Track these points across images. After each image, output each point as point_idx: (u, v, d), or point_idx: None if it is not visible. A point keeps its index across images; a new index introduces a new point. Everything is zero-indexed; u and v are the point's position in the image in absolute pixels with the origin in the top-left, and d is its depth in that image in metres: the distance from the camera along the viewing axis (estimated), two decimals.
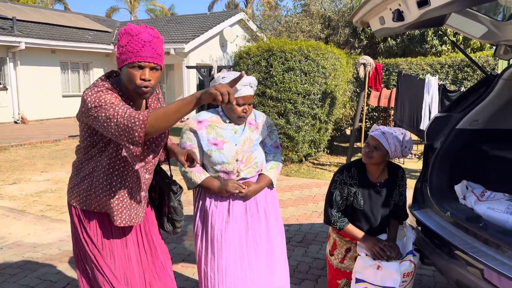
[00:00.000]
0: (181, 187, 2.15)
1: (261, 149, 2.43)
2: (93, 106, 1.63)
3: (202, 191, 2.42)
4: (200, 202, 2.43)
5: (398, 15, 2.15)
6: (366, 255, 2.52)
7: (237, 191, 2.30)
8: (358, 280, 2.50)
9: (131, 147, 1.59)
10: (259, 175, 2.44)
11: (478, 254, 2.15)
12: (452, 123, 2.87)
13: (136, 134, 1.56)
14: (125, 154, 1.63)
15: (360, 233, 2.56)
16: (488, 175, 2.96)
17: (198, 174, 2.32)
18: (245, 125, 2.39)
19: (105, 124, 1.60)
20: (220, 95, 1.52)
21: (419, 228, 2.69)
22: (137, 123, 1.55)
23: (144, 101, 1.88)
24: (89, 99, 1.65)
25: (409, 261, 2.49)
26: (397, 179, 2.65)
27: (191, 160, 2.01)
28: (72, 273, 3.38)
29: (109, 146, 1.78)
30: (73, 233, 1.92)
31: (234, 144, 2.31)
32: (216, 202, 2.37)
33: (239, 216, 2.36)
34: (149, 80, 1.70)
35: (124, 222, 1.85)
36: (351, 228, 2.58)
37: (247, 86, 2.30)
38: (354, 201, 2.59)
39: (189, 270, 3.42)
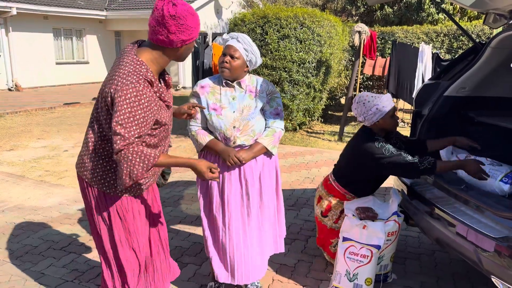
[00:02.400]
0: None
1: (260, 117, 2.45)
2: (124, 108, 1.68)
3: (205, 157, 2.53)
4: None
5: None
6: (353, 215, 2.66)
7: (230, 164, 2.38)
8: (345, 239, 2.65)
9: (126, 179, 1.72)
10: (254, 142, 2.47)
11: (458, 214, 2.29)
12: (440, 90, 2.96)
13: (136, 172, 1.73)
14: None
15: (455, 162, 2.52)
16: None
17: (203, 137, 2.42)
18: (245, 92, 2.43)
19: (115, 138, 1.70)
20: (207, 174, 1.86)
21: (404, 190, 2.82)
22: (141, 164, 1.72)
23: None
24: (128, 96, 1.68)
25: (394, 221, 2.64)
26: (390, 137, 2.82)
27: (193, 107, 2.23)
28: (73, 234, 3.52)
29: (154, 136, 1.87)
30: (103, 215, 1.96)
31: (232, 111, 2.38)
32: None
33: (234, 182, 2.47)
34: None
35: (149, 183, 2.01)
36: (443, 164, 2.50)
37: (234, 39, 2.37)
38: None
39: (185, 231, 3.57)
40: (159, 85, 1.81)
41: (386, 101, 2.64)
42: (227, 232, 2.46)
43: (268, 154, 2.55)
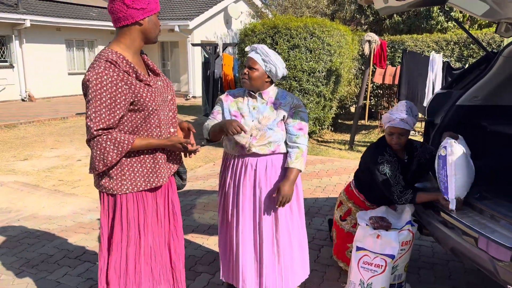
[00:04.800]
0: None
1: (279, 130, 2.44)
2: (90, 95, 1.72)
3: (225, 163, 2.58)
4: (223, 174, 2.60)
5: None
6: (367, 225, 2.66)
7: (232, 132, 2.22)
8: (358, 248, 2.65)
9: (100, 165, 1.76)
10: (286, 168, 2.45)
11: (472, 223, 2.28)
12: (452, 99, 2.96)
13: (110, 158, 1.77)
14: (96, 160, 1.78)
15: (432, 194, 2.58)
16: (486, 150, 3.06)
17: (210, 123, 2.48)
18: (266, 103, 2.45)
19: (87, 125, 1.75)
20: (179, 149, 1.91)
21: None
22: (115, 150, 1.75)
23: (143, 59, 1.98)
24: (90, 84, 1.72)
25: (408, 230, 2.64)
26: (414, 153, 2.79)
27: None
28: (87, 243, 3.56)
29: (143, 125, 1.88)
30: (107, 222, 1.97)
31: (251, 120, 2.41)
32: (232, 174, 2.51)
33: (249, 190, 2.47)
34: None
35: (167, 175, 2.01)
36: (422, 196, 2.61)
37: (253, 51, 2.42)
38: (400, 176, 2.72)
39: (198, 240, 3.59)
40: (132, 65, 1.81)
41: (384, 118, 2.74)
42: (240, 239, 2.48)
43: (285, 165, 2.51)
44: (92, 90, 1.71)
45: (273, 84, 2.51)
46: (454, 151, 2.37)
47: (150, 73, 1.98)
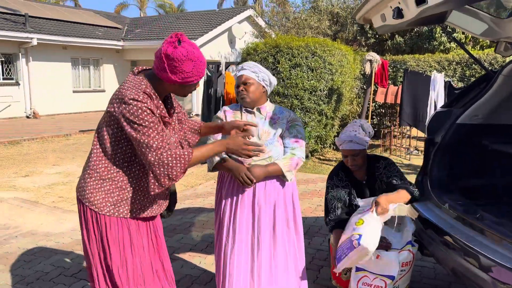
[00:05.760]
0: None
1: (278, 145, 2.44)
2: (136, 121, 1.72)
3: (221, 181, 2.53)
4: (219, 192, 2.56)
5: (398, 13, 2.22)
6: None
7: (240, 182, 2.30)
8: (358, 269, 2.59)
9: (165, 180, 1.76)
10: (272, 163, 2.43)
11: (474, 244, 2.23)
12: (452, 118, 2.94)
13: (175, 173, 1.76)
14: (151, 180, 1.79)
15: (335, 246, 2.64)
16: (487, 169, 3.03)
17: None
18: (265, 118, 2.45)
19: (142, 150, 1.74)
20: (243, 150, 1.96)
21: (418, 219, 2.76)
22: (179, 164, 1.76)
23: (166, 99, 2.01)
24: (133, 110, 1.71)
25: (408, 251, 2.59)
26: (375, 173, 2.78)
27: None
28: (84, 260, 3.51)
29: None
30: (90, 237, 1.95)
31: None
32: (228, 192, 2.47)
33: (247, 207, 2.43)
34: None
35: (153, 212, 1.99)
36: (333, 236, 2.75)
37: (240, 70, 2.43)
38: (352, 199, 2.74)
39: (196, 259, 3.54)
40: (159, 102, 1.83)
41: (336, 141, 2.85)
42: (234, 260, 2.41)
43: (283, 181, 2.49)
44: (134, 116, 1.71)
45: (268, 99, 2.52)
46: (364, 253, 2.35)
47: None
